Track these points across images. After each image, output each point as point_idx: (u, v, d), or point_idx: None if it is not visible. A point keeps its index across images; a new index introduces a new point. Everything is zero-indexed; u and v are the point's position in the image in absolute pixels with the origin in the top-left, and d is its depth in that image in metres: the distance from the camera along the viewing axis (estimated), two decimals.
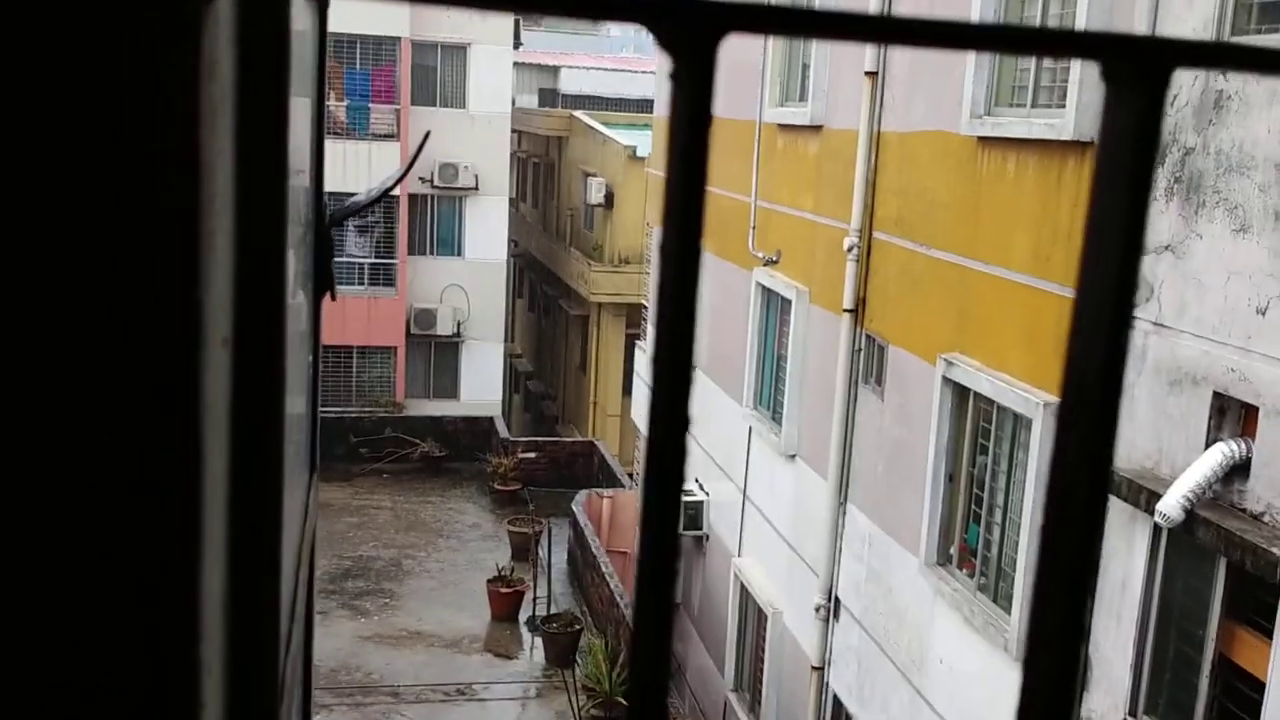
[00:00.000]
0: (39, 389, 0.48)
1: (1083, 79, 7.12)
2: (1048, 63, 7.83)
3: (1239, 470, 5.92)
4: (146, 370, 0.49)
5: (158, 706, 0.52)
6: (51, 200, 0.47)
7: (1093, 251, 0.44)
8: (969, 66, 8.38)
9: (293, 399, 1.47)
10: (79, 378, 0.49)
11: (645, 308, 17.14)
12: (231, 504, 0.68)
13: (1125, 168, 0.43)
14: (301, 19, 1.44)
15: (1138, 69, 0.43)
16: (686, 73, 0.38)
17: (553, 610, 16.51)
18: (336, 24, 23.14)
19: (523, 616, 17.01)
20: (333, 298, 1.75)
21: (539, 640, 16.28)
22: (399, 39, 24.16)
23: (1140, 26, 6.63)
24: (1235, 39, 6.11)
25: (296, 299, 1.43)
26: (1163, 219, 6.51)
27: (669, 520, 0.41)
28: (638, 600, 0.42)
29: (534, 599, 16.77)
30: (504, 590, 16.93)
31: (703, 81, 0.38)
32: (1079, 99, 7.14)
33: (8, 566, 0.50)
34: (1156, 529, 6.38)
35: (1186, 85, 6.30)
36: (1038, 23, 7.89)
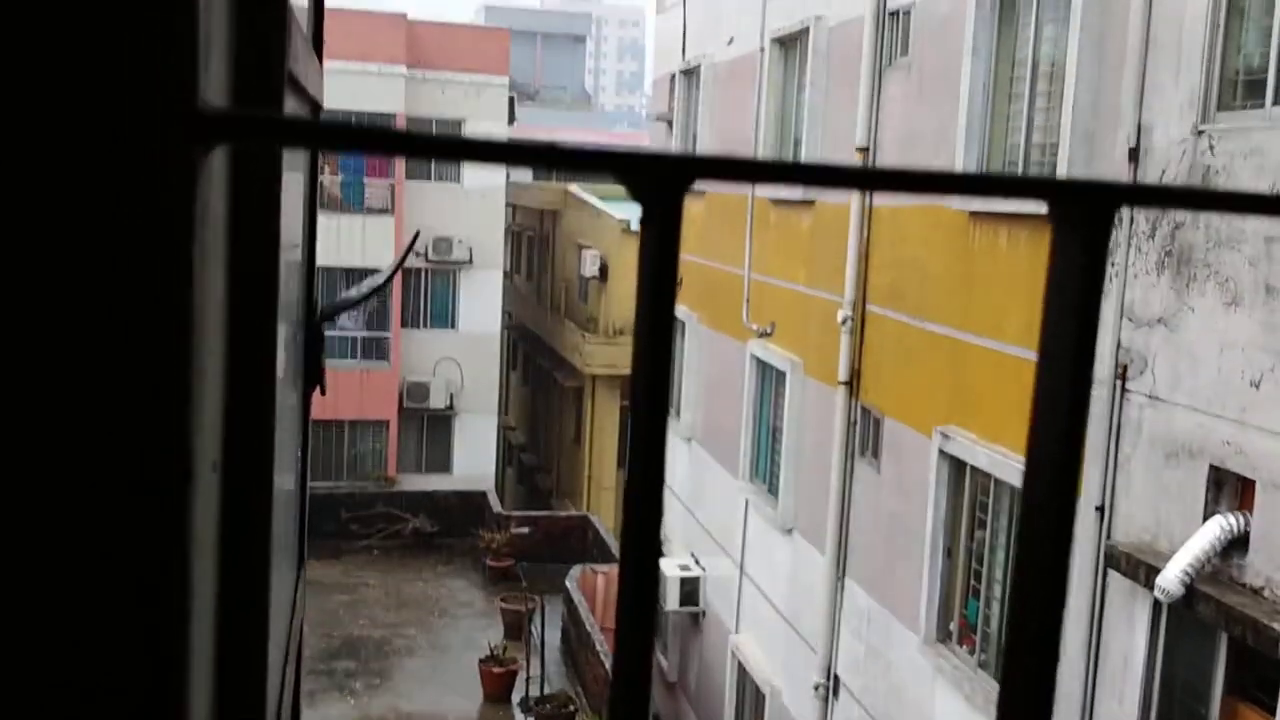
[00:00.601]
0: (26, 506, 0.51)
1: (1071, 155, 7.20)
2: (1037, 138, 7.94)
3: (1238, 544, 5.87)
4: (136, 494, 0.51)
5: None
6: (48, 335, 0.50)
7: (1044, 385, 0.46)
8: (960, 140, 8.48)
9: (279, 495, 1.46)
10: (75, 508, 0.51)
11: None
12: (219, 622, 0.69)
13: (1073, 301, 0.46)
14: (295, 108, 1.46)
15: (1082, 210, 0.46)
16: (655, 219, 0.41)
17: (546, 690, 16.24)
18: (331, 100, 23.39)
19: (516, 697, 16.71)
20: (322, 392, 1.75)
21: None
22: (394, 115, 24.47)
23: (1128, 104, 6.72)
24: (1221, 114, 6.19)
25: (287, 394, 1.43)
26: (1154, 292, 6.53)
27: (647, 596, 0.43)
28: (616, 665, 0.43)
29: (527, 679, 16.49)
30: (496, 670, 16.65)
31: (669, 227, 0.41)
32: (1069, 173, 7.21)
33: None
34: (1156, 604, 6.31)
35: (1175, 160, 6.37)
36: (1025, 105, 7.99)
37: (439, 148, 0.43)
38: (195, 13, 0.51)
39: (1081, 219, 0.46)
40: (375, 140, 0.44)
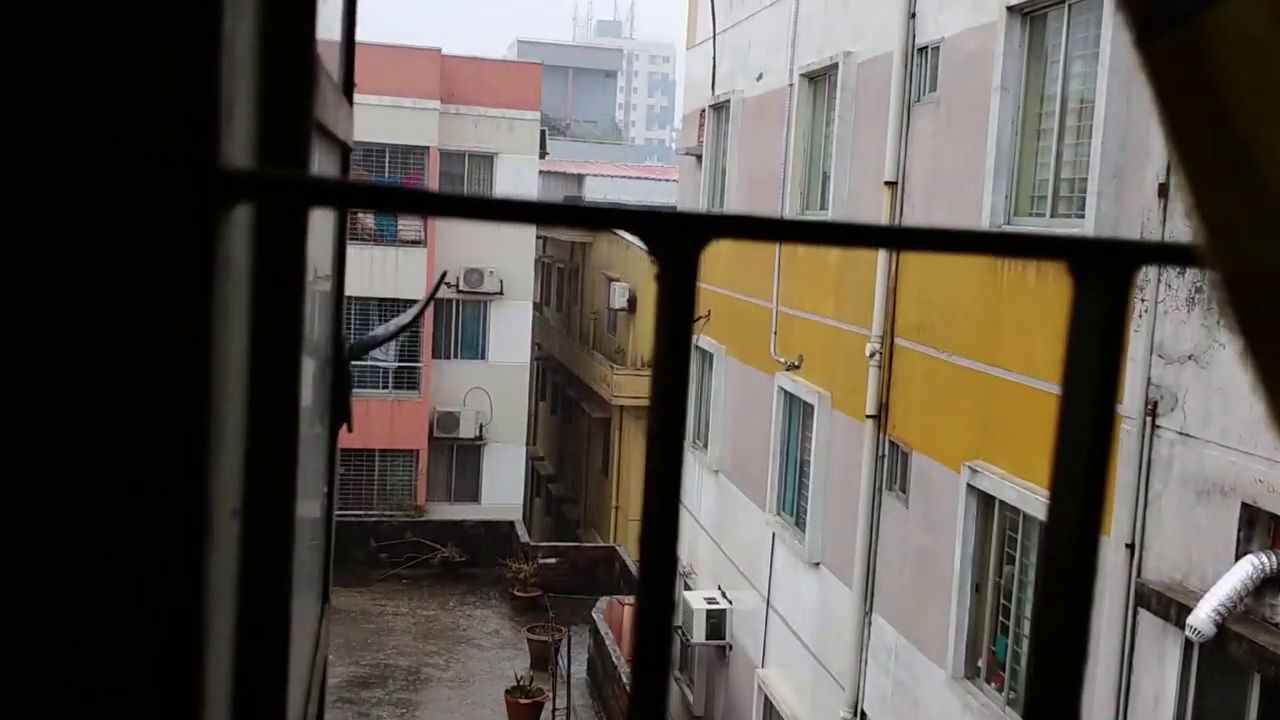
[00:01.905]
0: (41, 553, 0.51)
1: (1100, 191, 7.21)
2: (1066, 172, 7.95)
3: (1270, 583, 5.81)
4: (153, 542, 0.52)
5: None
6: (65, 385, 0.50)
7: (1064, 442, 0.46)
8: (988, 176, 8.51)
9: (303, 533, 1.48)
10: (89, 554, 0.51)
11: None
12: (237, 669, 0.70)
13: (1093, 359, 0.45)
14: (326, 170, 1.49)
15: (1102, 270, 0.45)
16: (671, 277, 0.41)
17: None
18: (366, 133, 23.75)
19: None
20: (349, 429, 1.78)
21: None
22: (427, 148, 24.75)
23: (1157, 141, 6.72)
24: None
25: (313, 431, 1.46)
26: (1185, 328, 6.51)
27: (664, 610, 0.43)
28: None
29: (553, 710, 16.44)
30: (523, 701, 16.62)
31: (686, 285, 0.42)
32: (1098, 209, 7.22)
33: None
34: (1188, 644, 6.24)
35: None
36: (1054, 141, 8.01)
37: (458, 206, 0.43)
38: (218, 71, 0.51)
39: (1101, 278, 0.45)
40: (395, 199, 0.44)
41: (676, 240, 0.42)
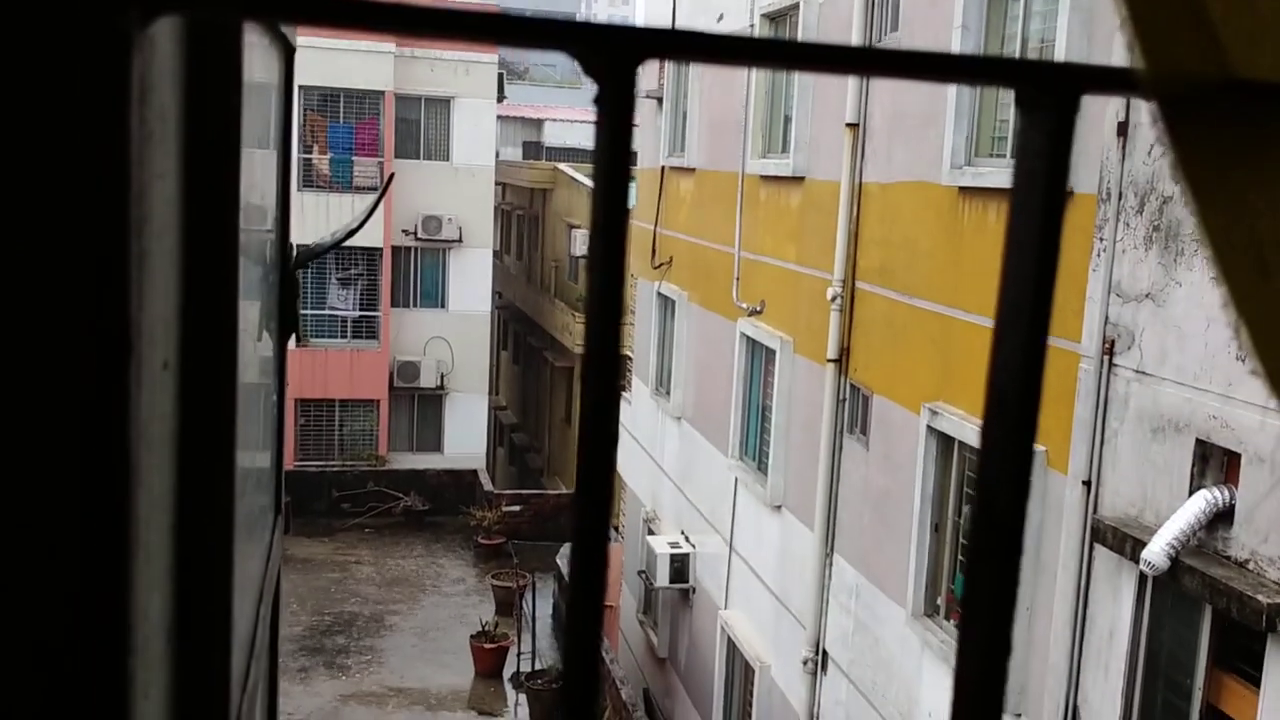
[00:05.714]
0: None
1: None
2: None
3: (1223, 517, 5.91)
4: (74, 384, 0.50)
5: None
6: None
7: (1011, 272, 0.46)
8: (949, 117, 8.48)
9: (256, 434, 1.44)
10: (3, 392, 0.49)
11: (630, 359, 17.16)
12: (178, 522, 0.67)
13: (1039, 191, 0.45)
14: (267, 70, 1.44)
15: (1048, 94, 0.45)
16: (608, 96, 0.40)
17: (538, 666, 16.32)
18: (320, 78, 23.35)
19: (507, 673, 16.79)
20: (299, 341, 1.75)
21: (523, 697, 16.06)
22: (383, 93, 24.35)
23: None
24: None
25: (261, 340, 1.42)
26: (1142, 267, 6.55)
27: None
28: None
29: (518, 655, 16.56)
30: (488, 646, 16.72)
31: (623, 104, 0.41)
32: None
33: None
34: (1143, 577, 6.35)
35: None
36: (1019, 39, 7.97)
37: (394, 18, 0.41)
38: None
39: (1046, 102, 0.45)
40: (333, 10, 0.41)
41: (613, 55, 0.40)
